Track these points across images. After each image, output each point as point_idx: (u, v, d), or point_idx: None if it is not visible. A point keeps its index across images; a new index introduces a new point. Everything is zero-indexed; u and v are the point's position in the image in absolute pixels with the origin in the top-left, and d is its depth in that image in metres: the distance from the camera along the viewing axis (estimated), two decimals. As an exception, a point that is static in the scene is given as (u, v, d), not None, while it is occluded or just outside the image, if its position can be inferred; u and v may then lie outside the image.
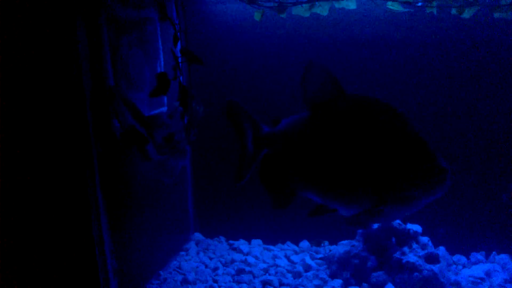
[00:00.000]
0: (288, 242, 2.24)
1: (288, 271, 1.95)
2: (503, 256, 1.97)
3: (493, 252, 1.99)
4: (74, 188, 1.49)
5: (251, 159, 1.76)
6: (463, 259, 2.01)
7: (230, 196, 2.30)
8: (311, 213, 1.58)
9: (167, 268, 2.03)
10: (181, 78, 1.81)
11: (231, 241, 2.26)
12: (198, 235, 2.33)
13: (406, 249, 1.80)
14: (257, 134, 1.73)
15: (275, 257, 2.09)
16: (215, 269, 2.01)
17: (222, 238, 2.31)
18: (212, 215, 2.34)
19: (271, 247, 2.20)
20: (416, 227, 1.85)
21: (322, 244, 2.11)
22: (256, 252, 2.12)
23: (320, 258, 2.02)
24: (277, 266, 2.00)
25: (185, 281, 1.89)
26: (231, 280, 1.91)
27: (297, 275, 1.92)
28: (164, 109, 1.96)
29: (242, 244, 2.22)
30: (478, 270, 1.89)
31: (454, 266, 1.96)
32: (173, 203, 2.17)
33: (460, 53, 1.95)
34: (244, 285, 1.85)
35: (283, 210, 2.12)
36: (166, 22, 1.83)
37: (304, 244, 2.19)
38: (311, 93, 1.52)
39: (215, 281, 1.90)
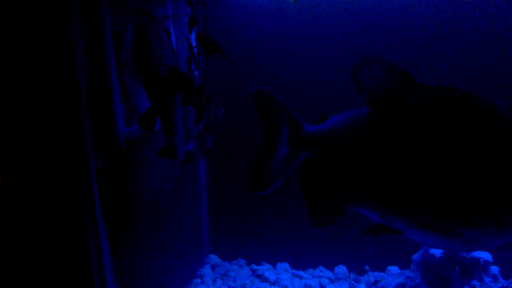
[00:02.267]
0: (321, 267, 1.90)
1: (327, 307, 1.62)
2: None
3: None
4: (69, 215, 1.16)
5: (285, 163, 1.44)
6: (534, 290, 1.68)
7: (250, 211, 1.97)
8: (369, 231, 1.26)
9: (180, 301, 1.69)
10: (196, 73, 1.48)
11: (253, 266, 1.93)
12: (214, 258, 1.99)
13: (475, 282, 1.47)
14: (296, 132, 1.41)
15: (308, 286, 1.75)
16: (237, 302, 1.68)
17: (242, 262, 1.97)
18: (229, 233, 2.00)
19: (301, 273, 1.87)
20: (486, 255, 1.52)
21: (366, 274, 1.78)
22: (285, 281, 1.78)
23: (364, 290, 1.69)
24: (312, 299, 1.67)
25: (203, 319, 1.56)
26: (259, 318, 1.58)
27: (338, 311, 1.59)
28: (177, 110, 1.62)
29: (266, 269, 1.89)
30: (556, 305, 1.56)
31: (526, 299, 1.63)
32: (185, 220, 1.84)
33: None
34: (276, 325, 1.52)
35: (322, 228, 1.81)
36: (180, 3, 1.50)
37: (340, 269, 1.86)
38: (371, 87, 1.23)
39: (239, 319, 1.57)
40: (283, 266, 1.92)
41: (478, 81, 1.66)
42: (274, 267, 1.93)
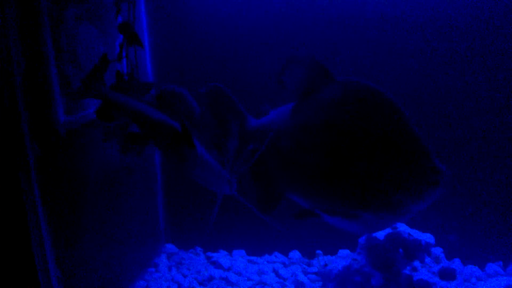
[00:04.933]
0: (276, 253, 1.93)
1: (277, 291, 1.65)
2: (523, 266, 1.72)
3: (512, 262, 1.75)
4: (8, 204, 1.16)
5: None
6: (477, 270, 1.74)
7: (207, 200, 1.98)
8: (294, 216, 1.35)
9: (133, 289, 1.70)
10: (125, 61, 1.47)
11: (209, 253, 1.95)
12: (170, 247, 2.00)
13: (417, 263, 1.52)
14: (242, 126, 1.50)
15: (261, 272, 1.78)
16: (190, 289, 1.69)
17: (199, 250, 1.99)
18: (186, 222, 2.01)
19: (257, 259, 1.90)
20: (428, 237, 1.57)
21: (317, 258, 1.81)
22: (238, 267, 1.80)
23: (314, 273, 1.73)
24: (263, 284, 1.69)
25: (154, 307, 1.58)
26: (210, 303, 1.60)
27: (287, 295, 1.62)
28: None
29: (222, 256, 1.91)
30: (496, 284, 1.62)
31: (468, 280, 1.69)
32: (140, 208, 1.84)
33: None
34: (225, 310, 1.55)
35: (269, 216, 1.84)
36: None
37: (295, 254, 1.90)
38: (296, 82, 1.33)
39: (190, 305, 1.59)
40: (239, 253, 1.95)
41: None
42: (231, 254, 1.95)
